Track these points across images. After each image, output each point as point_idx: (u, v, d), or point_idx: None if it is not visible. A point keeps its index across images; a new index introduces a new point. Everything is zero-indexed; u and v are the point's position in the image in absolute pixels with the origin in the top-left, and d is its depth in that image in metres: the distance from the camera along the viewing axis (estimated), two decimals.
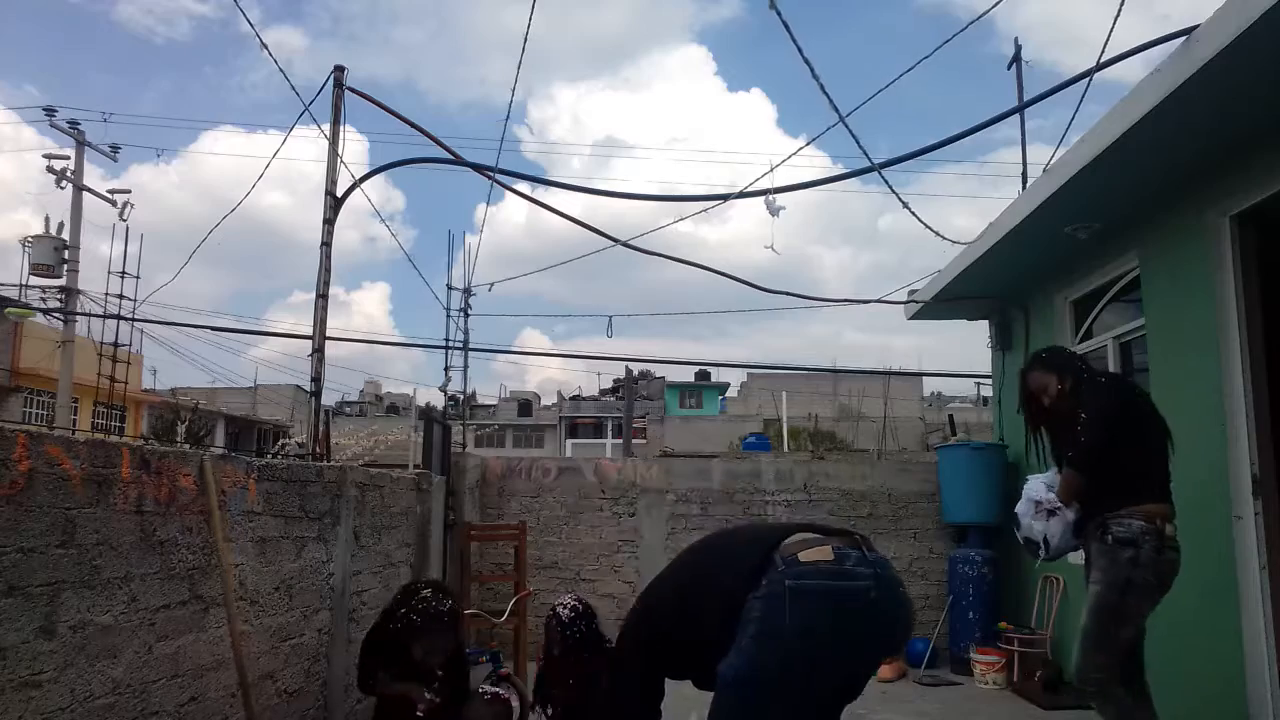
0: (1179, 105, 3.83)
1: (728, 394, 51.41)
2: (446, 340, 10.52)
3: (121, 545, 3.05)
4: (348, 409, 49.61)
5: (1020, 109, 7.30)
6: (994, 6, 5.49)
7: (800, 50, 4.83)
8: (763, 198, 6.43)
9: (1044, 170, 5.48)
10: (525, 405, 54.45)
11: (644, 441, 35.46)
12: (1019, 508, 3.83)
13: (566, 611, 3.46)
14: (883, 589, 2.34)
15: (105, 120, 38.20)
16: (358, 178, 7.49)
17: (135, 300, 15.25)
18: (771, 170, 6.53)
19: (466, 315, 10.97)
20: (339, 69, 7.20)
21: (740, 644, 2.29)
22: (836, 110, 5.25)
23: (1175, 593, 4.63)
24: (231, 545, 3.73)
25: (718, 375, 49.17)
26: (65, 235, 17.68)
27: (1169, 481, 3.51)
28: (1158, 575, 3.24)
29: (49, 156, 17.76)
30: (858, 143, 7.00)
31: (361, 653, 3.78)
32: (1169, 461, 3.58)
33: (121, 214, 17.40)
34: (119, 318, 15.37)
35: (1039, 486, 3.75)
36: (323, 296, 7.02)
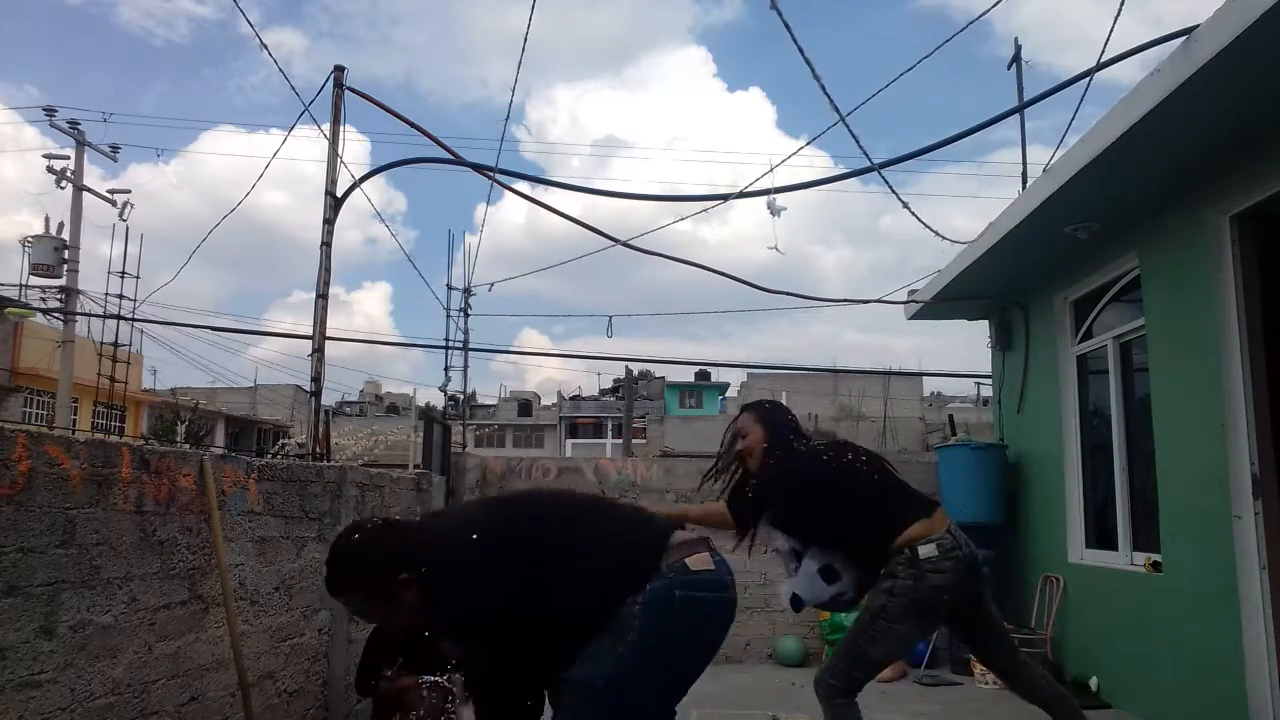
0: (1179, 105, 3.83)
1: (728, 394, 51.35)
2: (446, 340, 10.56)
3: (121, 545, 3.05)
4: (348, 409, 49.58)
5: (1020, 109, 7.30)
6: (993, 6, 5.49)
7: (801, 49, 4.83)
8: (763, 198, 6.44)
9: (1044, 170, 5.48)
10: (525, 405, 54.45)
11: (644, 441, 35.44)
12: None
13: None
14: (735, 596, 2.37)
15: (105, 120, 38.21)
16: (358, 178, 7.49)
17: (135, 300, 15.27)
18: (771, 170, 6.55)
19: (466, 315, 11.01)
20: (339, 69, 7.21)
21: (616, 651, 2.16)
22: (837, 110, 5.25)
23: (1175, 592, 4.66)
24: (231, 545, 3.73)
25: (718, 375, 49.12)
26: (65, 235, 17.67)
27: (905, 497, 3.38)
28: (913, 604, 3.21)
29: (49, 156, 17.77)
30: (858, 142, 6.98)
31: (365, 651, 3.77)
32: (888, 478, 3.42)
33: (121, 214, 17.41)
34: (119, 318, 15.38)
35: (786, 584, 3.58)
36: (323, 296, 7.03)
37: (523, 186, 17.34)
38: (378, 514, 5.17)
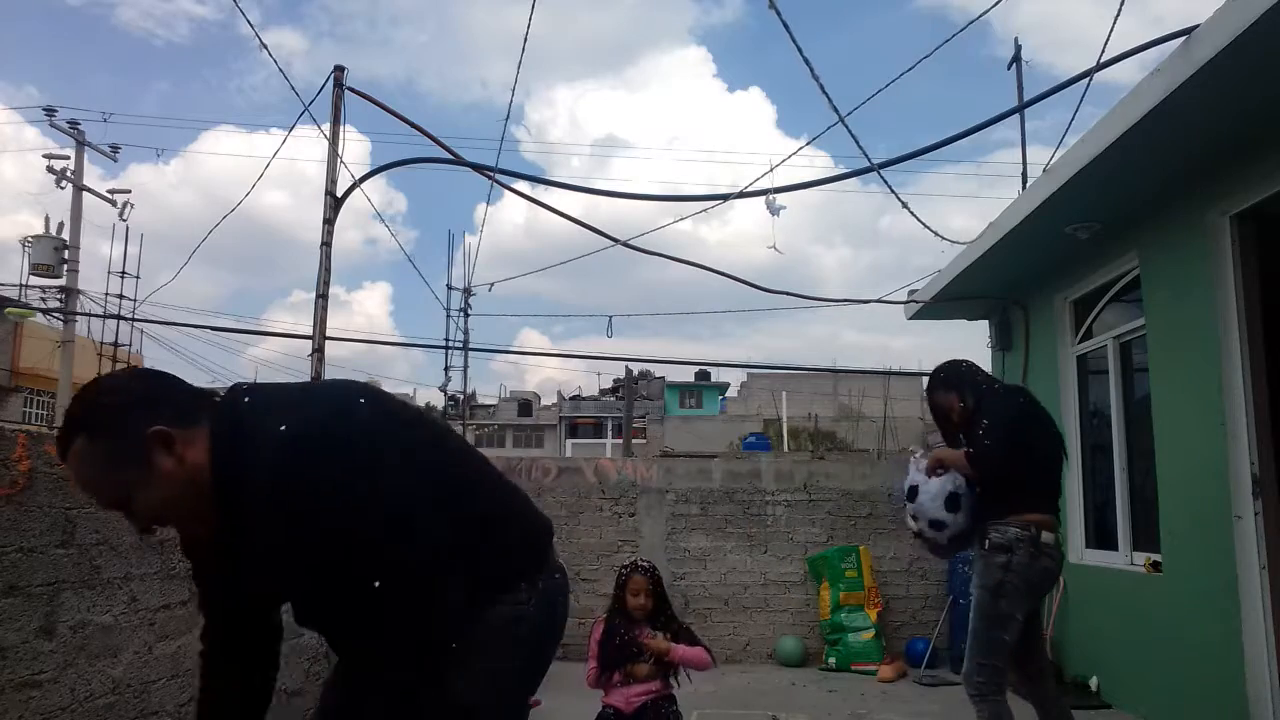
0: (1179, 105, 3.83)
1: (728, 394, 51.39)
2: (446, 340, 10.58)
3: (121, 545, 3.06)
4: None
5: (1020, 109, 7.31)
6: (993, 6, 5.50)
7: (799, 49, 4.85)
8: (762, 198, 6.45)
9: (1044, 170, 5.48)
10: (525, 405, 54.44)
11: (644, 441, 35.47)
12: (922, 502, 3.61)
13: None
14: None
15: (105, 120, 38.12)
16: (358, 178, 7.50)
17: (135, 300, 15.31)
18: (771, 170, 6.57)
19: (466, 315, 11.02)
20: (339, 69, 7.22)
21: (496, 660, 1.69)
22: (836, 110, 5.26)
23: (1175, 592, 4.66)
24: None
25: (718, 375, 49.17)
26: (65, 235, 17.69)
27: (1056, 492, 3.57)
28: (1028, 581, 3.30)
29: (49, 156, 17.80)
30: (857, 143, 7.02)
31: None
32: (1059, 472, 3.64)
33: (121, 214, 17.47)
34: (119, 318, 15.41)
35: (914, 473, 3.61)
36: (323, 296, 7.04)
37: (523, 186, 17.35)
38: None
